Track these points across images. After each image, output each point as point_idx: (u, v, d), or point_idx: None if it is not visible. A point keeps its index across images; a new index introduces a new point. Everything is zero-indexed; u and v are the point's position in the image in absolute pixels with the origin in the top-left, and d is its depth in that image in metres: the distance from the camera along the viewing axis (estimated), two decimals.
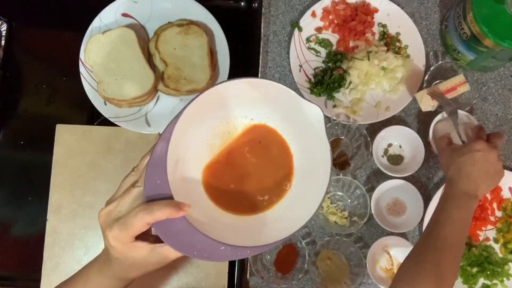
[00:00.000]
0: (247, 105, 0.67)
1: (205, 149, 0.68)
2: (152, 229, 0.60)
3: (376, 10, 1.07)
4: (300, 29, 1.05)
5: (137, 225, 0.57)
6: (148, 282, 0.95)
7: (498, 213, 1.01)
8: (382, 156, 1.02)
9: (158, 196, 0.59)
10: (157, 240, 0.60)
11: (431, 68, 1.03)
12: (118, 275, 0.63)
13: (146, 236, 0.61)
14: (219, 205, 0.66)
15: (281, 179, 0.68)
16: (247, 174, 0.68)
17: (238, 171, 0.68)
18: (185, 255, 0.59)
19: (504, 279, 0.97)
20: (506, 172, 1.01)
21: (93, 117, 1.02)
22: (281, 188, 0.67)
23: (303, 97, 0.62)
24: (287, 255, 0.97)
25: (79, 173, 0.98)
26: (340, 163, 1.01)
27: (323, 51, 1.06)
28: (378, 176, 1.02)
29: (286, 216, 0.64)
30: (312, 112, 0.62)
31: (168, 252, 0.60)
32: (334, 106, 1.02)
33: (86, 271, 0.66)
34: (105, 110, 0.97)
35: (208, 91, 0.60)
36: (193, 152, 0.66)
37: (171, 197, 0.59)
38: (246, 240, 0.60)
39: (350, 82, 1.03)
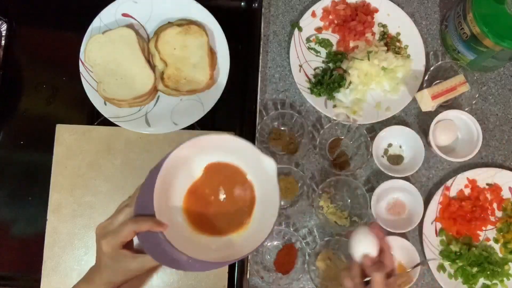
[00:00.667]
0: (218, 150, 0.80)
1: (186, 184, 0.80)
2: (135, 242, 0.73)
3: (376, 10, 1.07)
4: (300, 29, 1.05)
5: (125, 233, 0.70)
6: (148, 282, 0.95)
7: (498, 213, 1.01)
8: (382, 156, 1.02)
9: (145, 213, 0.73)
10: (138, 252, 0.73)
11: (431, 68, 1.03)
12: (105, 280, 0.72)
13: (131, 249, 0.73)
14: (195, 227, 0.79)
15: (244, 212, 0.82)
16: (218, 207, 0.82)
17: (211, 201, 0.81)
18: (161, 263, 0.73)
19: (504, 279, 0.97)
20: (506, 172, 1.01)
21: (93, 117, 1.02)
22: (244, 219, 0.81)
23: (262, 151, 0.77)
24: (287, 255, 0.97)
25: (79, 173, 0.98)
26: (340, 163, 1.01)
27: (323, 51, 1.06)
28: (378, 176, 1.02)
29: (247, 240, 0.78)
30: (267, 163, 0.77)
31: (146, 261, 0.71)
32: (334, 106, 1.02)
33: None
34: (105, 110, 0.97)
35: (187, 143, 0.74)
36: (176, 186, 0.79)
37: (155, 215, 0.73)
38: (212, 256, 0.73)
39: (350, 82, 1.03)
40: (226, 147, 0.80)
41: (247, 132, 1.01)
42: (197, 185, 0.82)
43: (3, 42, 1.05)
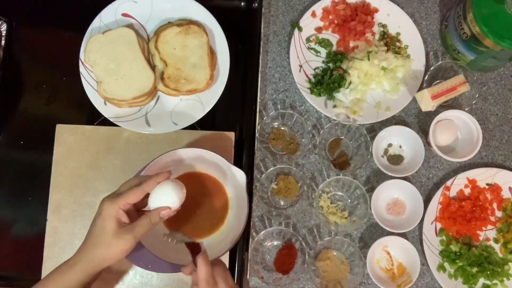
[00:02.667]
0: (194, 162, 0.92)
1: None
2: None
3: (376, 10, 1.07)
4: (300, 29, 1.05)
5: (131, 194, 0.74)
6: (148, 282, 0.95)
7: (498, 213, 1.01)
8: (382, 156, 1.02)
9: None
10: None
11: (431, 68, 1.03)
12: (91, 257, 0.74)
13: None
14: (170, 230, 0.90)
15: (217, 218, 0.93)
16: (193, 212, 0.93)
17: (188, 209, 0.88)
18: (134, 264, 0.86)
19: (504, 279, 0.97)
20: (506, 172, 1.01)
21: (93, 117, 1.02)
22: (217, 224, 0.93)
23: (231, 163, 0.89)
24: (287, 255, 0.97)
25: (79, 173, 0.98)
26: (340, 163, 1.01)
27: (323, 51, 1.06)
28: (378, 176, 1.02)
29: (218, 244, 0.89)
30: (238, 175, 0.89)
31: (138, 229, 0.74)
32: (334, 106, 1.02)
33: (56, 271, 0.76)
34: (105, 110, 0.97)
35: (164, 155, 0.86)
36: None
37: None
38: (182, 260, 0.81)
39: (350, 82, 1.03)
40: (202, 160, 0.90)
41: (247, 132, 1.01)
42: None
43: (3, 42, 1.05)
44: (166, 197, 0.76)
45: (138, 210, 0.80)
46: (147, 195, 0.77)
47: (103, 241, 0.74)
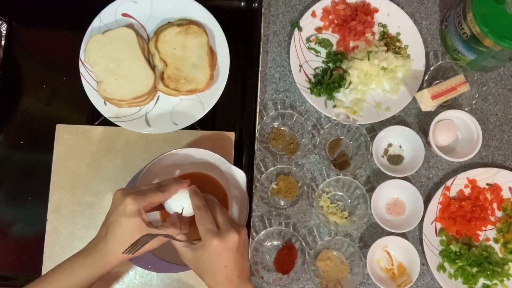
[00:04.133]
0: (193, 162, 0.92)
1: None
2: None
3: (376, 10, 1.07)
4: (300, 29, 1.05)
5: (154, 196, 0.74)
6: (148, 282, 0.95)
7: (498, 213, 1.01)
8: (382, 156, 1.02)
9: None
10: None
11: (431, 68, 1.03)
12: (104, 251, 0.73)
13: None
14: None
15: None
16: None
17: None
18: (134, 264, 0.85)
19: (504, 279, 0.97)
20: (506, 172, 1.01)
21: (93, 117, 1.02)
22: None
23: (231, 163, 0.89)
24: (287, 255, 0.97)
25: (79, 173, 0.98)
26: (340, 163, 1.01)
27: (323, 51, 1.06)
28: (378, 176, 1.02)
29: None
30: (238, 174, 0.88)
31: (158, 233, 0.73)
32: (334, 106, 1.02)
33: (70, 261, 0.76)
34: (105, 110, 0.97)
35: (164, 155, 0.86)
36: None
37: None
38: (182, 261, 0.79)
39: (350, 82, 1.03)
40: (202, 160, 0.90)
41: (247, 132, 1.01)
42: None
43: (3, 42, 1.05)
44: (182, 204, 0.78)
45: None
46: None
47: (122, 240, 0.73)
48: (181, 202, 0.78)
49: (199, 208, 0.75)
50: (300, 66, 1.04)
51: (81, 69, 0.98)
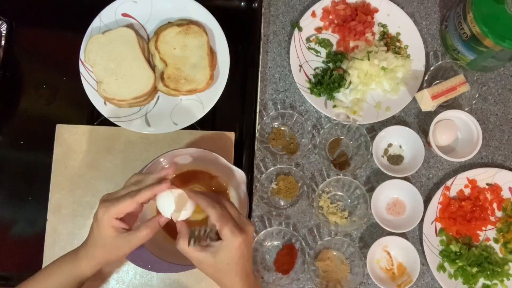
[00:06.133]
0: (193, 162, 0.92)
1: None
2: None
3: (376, 10, 1.07)
4: (300, 29, 1.05)
5: (125, 203, 0.72)
6: (148, 282, 0.95)
7: (498, 213, 1.01)
8: (382, 156, 1.02)
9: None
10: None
11: (431, 68, 1.03)
12: (90, 254, 0.76)
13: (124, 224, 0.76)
14: (170, 235, 0.90)
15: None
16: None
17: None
18: (134, 264, 0.85)
19: (504, 279, 0.97)
20: (506, 172, 1.01)
21: (93, 117, 1.02)
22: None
23: (231, 163, 0.89)
24: (287, 255, 0.97)
25: (79, 173, 0.98)
26: (340, 163, 1.01)
27: (323, 51, 1.06)
28: (378, 176, 1.02)
29: None
30: (238, 174, 0.88)
31: (134, 238, 0.73)
32: (334, 106, 1.02)
33: (58, 263, 0.80)
34: (105, 110, 0.97)
35: (164, 155, 0.87)
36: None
37: None
38: (182, 261, 0.80)
39: (350, 82, 1.03)
40: (202, 160, 0.90)
41: (247, 132, 1.01)
42: (172, 182, 0.85)
43: (3, 42, 1.05)
44: (168, 208, 0.75)
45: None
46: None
47: (101, 245, 0.75)
48: (167, 206, 0.75)
49: (214, 207, 0.72)
50: (300, 66, 1.04)
51: (81, 69, 0.98)
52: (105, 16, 0.99)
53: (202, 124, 1.00)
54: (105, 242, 0.74)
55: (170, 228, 0.91)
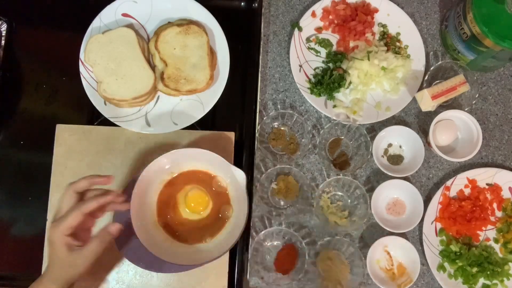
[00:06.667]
0: (193, 162, 0.92)
1: (161, 182, 0.93)
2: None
3: (376, 10, 1.07)
4: (300, 29, 1.05)
5: (71, 217, 0.74)
6: (148, 282, 0.95)
7: (498, 213, 1.01)
8: (382, 156, 1.02)
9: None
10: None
11: (431, 68, 1.03)
12: (53, 277, 0.77)
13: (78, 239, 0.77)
14: (170, 235, 0.91)
15: (217, 225, 0.92)
16: (194, 220, 0.93)
17: (186, 214, 0.93)
18: (134, 264, 0.88)
19: (504, 279, 0.97)
20: (506, 172, 1.01)
21: (93, 117, 1.02)
22: (219, 225, 0.92)
23: (231, 163, 0.90)
24: (287, 255, 0.97)
25: (79, 173, 0.98)
26: (340, 163, 1.01)
27: (323, 51, 1.06)
28: (378, 176, 1.02)
29: (218, 244, 0.90)
30: (238, 174, 0.88)
31: (89, 251, 0.75)
32: (334, 106, 1.02)
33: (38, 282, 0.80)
34: (105, 110, 0.97)
35: (165, 155, 0.87)
36: (153, 186, 0.91)
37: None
38: (182, 261, 0.86)
39: (350, 82, 1.03)
40: (202, 160, 0.91)
41: (247, 132, 1.01)
42: (172, 182, 0.92)
43: (3, 42, 1.05)
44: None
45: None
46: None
47: (60, 265, 0.77)
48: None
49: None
50: (300, 66, 1.04)
51: (81, 69, 0.98)
52: (105, 16, 0.99)
53: (202, 124, 1.00)
54: (62, 262, 0.76)
55: (170, 228, 0.91)
